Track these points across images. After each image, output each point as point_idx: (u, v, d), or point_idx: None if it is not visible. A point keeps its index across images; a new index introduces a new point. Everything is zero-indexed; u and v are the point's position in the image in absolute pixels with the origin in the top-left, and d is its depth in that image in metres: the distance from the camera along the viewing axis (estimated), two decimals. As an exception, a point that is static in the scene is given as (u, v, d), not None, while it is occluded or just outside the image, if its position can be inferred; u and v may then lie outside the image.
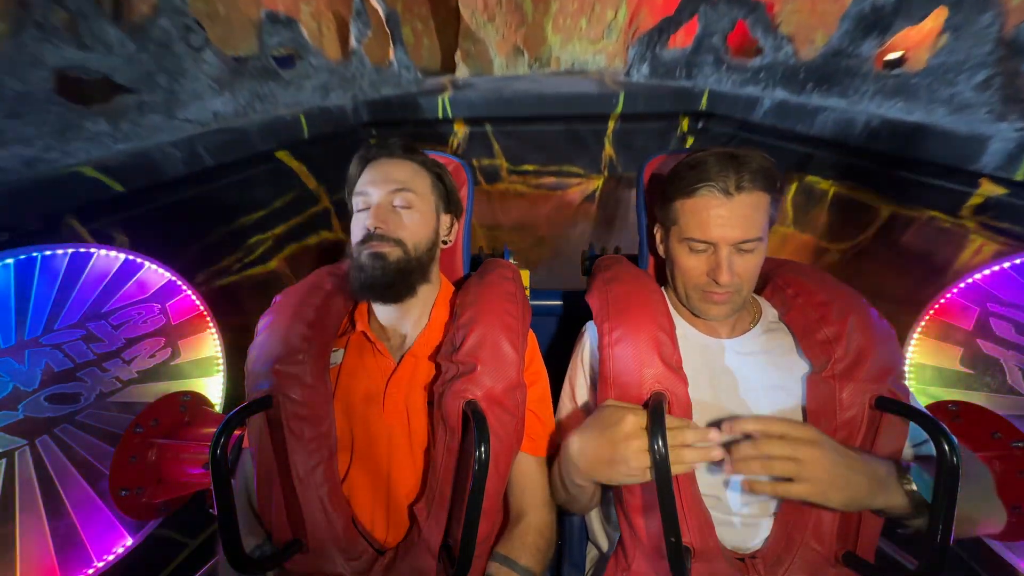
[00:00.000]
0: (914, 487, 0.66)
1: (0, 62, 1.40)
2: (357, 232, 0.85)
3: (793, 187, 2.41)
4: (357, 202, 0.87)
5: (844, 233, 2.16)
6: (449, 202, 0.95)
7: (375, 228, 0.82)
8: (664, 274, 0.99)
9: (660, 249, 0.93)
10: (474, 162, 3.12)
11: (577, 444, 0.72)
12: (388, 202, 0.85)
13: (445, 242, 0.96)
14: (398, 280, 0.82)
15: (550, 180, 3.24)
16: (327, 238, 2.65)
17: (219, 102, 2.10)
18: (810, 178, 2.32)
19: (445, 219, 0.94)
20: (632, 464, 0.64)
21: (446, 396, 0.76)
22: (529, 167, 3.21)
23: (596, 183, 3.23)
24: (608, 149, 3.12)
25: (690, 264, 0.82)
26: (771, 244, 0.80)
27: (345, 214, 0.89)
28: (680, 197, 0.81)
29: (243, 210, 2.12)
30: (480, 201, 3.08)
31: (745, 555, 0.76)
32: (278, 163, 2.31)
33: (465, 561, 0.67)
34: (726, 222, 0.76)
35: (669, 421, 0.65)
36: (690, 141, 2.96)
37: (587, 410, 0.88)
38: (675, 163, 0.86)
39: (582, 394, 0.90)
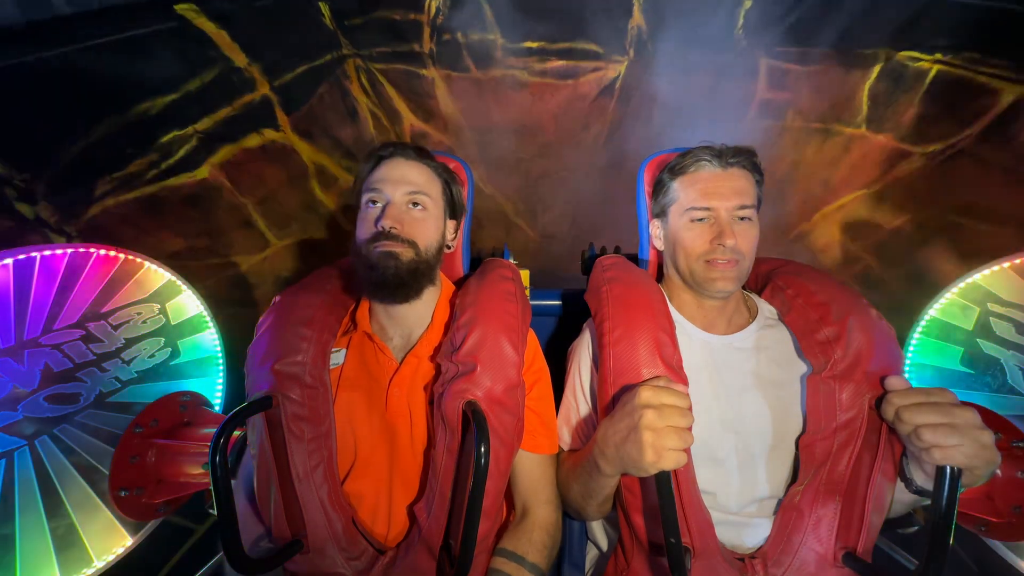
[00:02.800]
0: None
1: None
2: (366, 229, 0.84)
3: (875, 72, 1.87)
4: (368, 198, 0.86)
5: (938, 130, 1.73)
6: (455, 208, 0.96)
7: (391, 228, 0.82)
8: (663, 274, 1.00)
9: (659, 242, 0.96)
10: (460, 38, 2.34)
11: (602, 427, 0.72)
12: (403, 203, 0.85)
13: (448, 247, 0.96)
14: (409, 281, 0.82)
15: (558, 64, 2.43)
16: (273, 139, 2.02)
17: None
18: (904, 55, 1.79)
19: (451, 224, 0.95)
20: (641, 435, 0.63)
21: (446, 396, 0.76)
22: (532, 44, 2.38)
23: (618, 69, 2.42)
24: (637, 16, 2.28)
25: (693, 235, 0.86)
26: (832, 152, 0.81)
27: (292, 106, 0.85)
28: (679, 176, 0.89)
29: (140, 90, 1.53)
30: (470, 93, 2.43)
31: (745, 555, 0.76)
32: (184, 24, 1.60)
33: (465, 561, 0.67)
34: (723, 189, 0.85)
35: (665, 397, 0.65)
36: (748, 3, 2.14)
37: (595, 406, 0.88)
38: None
39: (590, 392, 0.90)
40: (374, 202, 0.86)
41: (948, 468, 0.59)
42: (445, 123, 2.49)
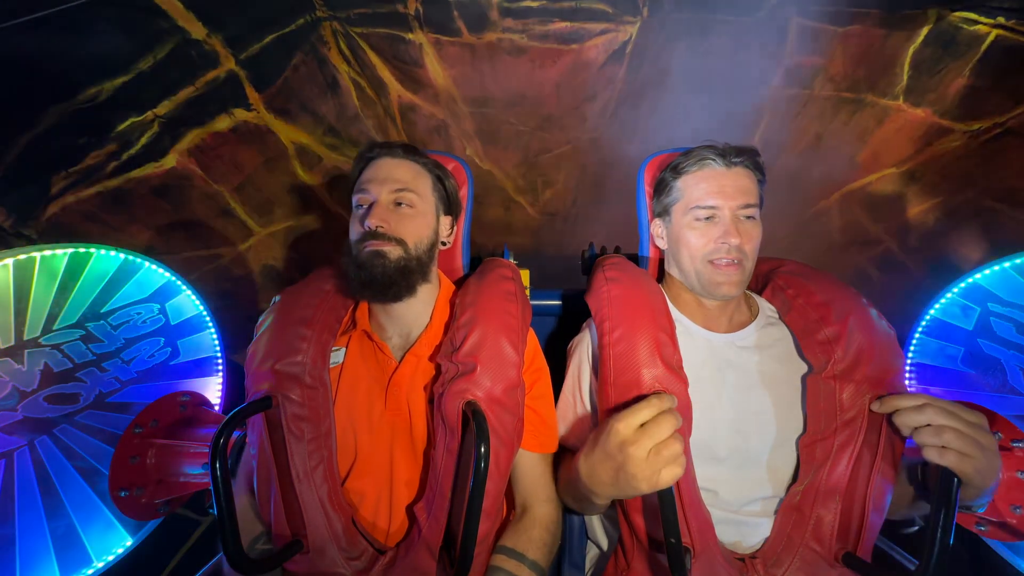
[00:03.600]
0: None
1: None
2: (356, 230, 0.85)
3: (921, 34, 1.62)
4: (356, 200, 0.87)
5: (987, 105, 1.55)
6: (449, 204, 0.95)
7: (376, 227, 0.82)
8: (663, 274, 1.00)
9: (661, 242, 0.96)
10: (450, -4, 1.91)
11: (585, 467, 0.69)
12: (390, 201, 0.85)
13: (444, 243, 0.96)
14: (398, 279, 0.82)
15: (562, 26, 2.12)
16: (246, 120, 1.81)
17: None
18: (958, 16, 1.54)
19: (445, 221, 0.95)
20: (630, 470, 0.61)
21: (446, 396, 0.76)
22: (531, 2, 2.07)
23: (629, 31, 2.10)
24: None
25: (697, 234, 0.86)
26: (862, 124, 0.74)
27: (263, 81, 0.77)
28: (683, 175, 0.89)
29: (84, 73, 1.35)
30: (463, 61, 2.11)
31: (745, 555, 0.76)
32: (125, -11, 1.33)
33: (465, 560, 0.67)
34: (728, 188, 0.84)
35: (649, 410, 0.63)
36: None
37: (595, 407, 0.88)
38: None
39: (587, 390, 0.90)
40: (362, 203, 0.86)
41: (950, 473, 0.59)
42: (436, 93, 2.24)
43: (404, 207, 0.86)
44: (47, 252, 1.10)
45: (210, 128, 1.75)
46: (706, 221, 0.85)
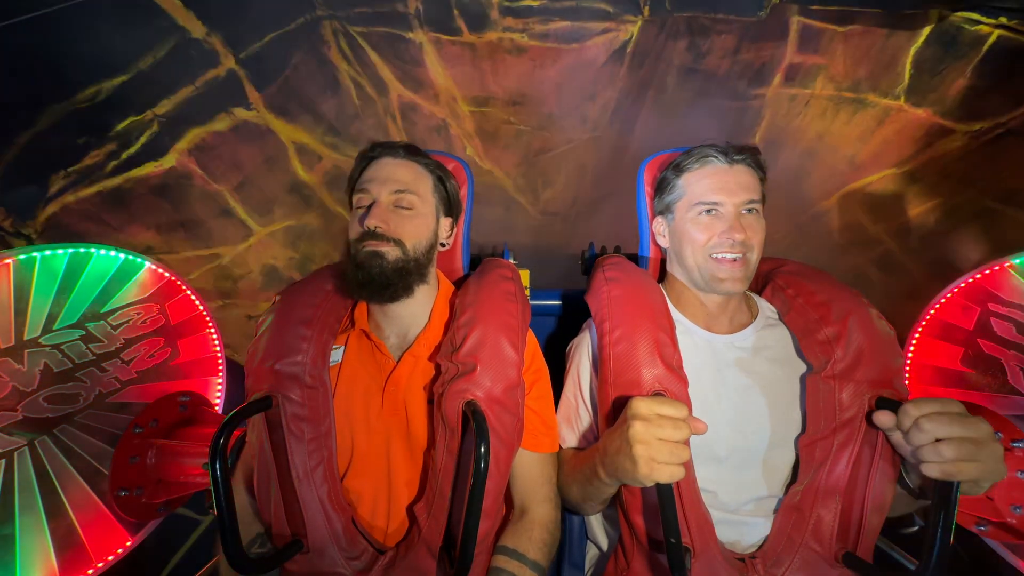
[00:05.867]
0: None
1: None
2: (355, 230, 0.85)
3: (923, 34, 1.64)
4: (357, 199, 0.87)
5: (988, 105, 1.56)
6: (450, 205, 0.95)
7: (376, 227, 0.82)
8: (664, 274, 1.00)
9: (663, 240, 0.96)
10: (452, -3, 2.03)
11: (604, 437, 0.72)
12: (390, 202, 0.85)
13: (443, 245, 0.96)
14: (395, 280, 0.82)
15: (562, 25, 2.11)
16: (246, 119, 1.82)
17: None
18: (960, 16, 1.54)
19: (445, 222, 0.95)
20: (634, 450, 0.62)
21: (446, 396, 0.76)
22: (532, 1, 2.06)
23: (630, 30, 2.10)
24: (654, -32, 1.96)
25: (700, 229, 0.86)
26: (863, 124, 0.76)
27: (263, 80, 0.78)
28: (685, 172, 0.89)
29: (83, 72, 1.34)
30: (463, 60, 2.14)
31: (745, 555, 0.76)
32: (126, -12, 1.31)
33: (465, 560, 0.67)
34: (730, 184, 0.85)
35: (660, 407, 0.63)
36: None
37: (595, 408, 0.88)
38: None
39: (588, 391, 0.90)
40: (362, 203, 0.86)
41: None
42: (436, 93, 2.24)
43: (404, 208, 0.86)
44: (47, 252, 1.10)
45: (210, 127, 1.75)
46: (710, 215, 0.86)
